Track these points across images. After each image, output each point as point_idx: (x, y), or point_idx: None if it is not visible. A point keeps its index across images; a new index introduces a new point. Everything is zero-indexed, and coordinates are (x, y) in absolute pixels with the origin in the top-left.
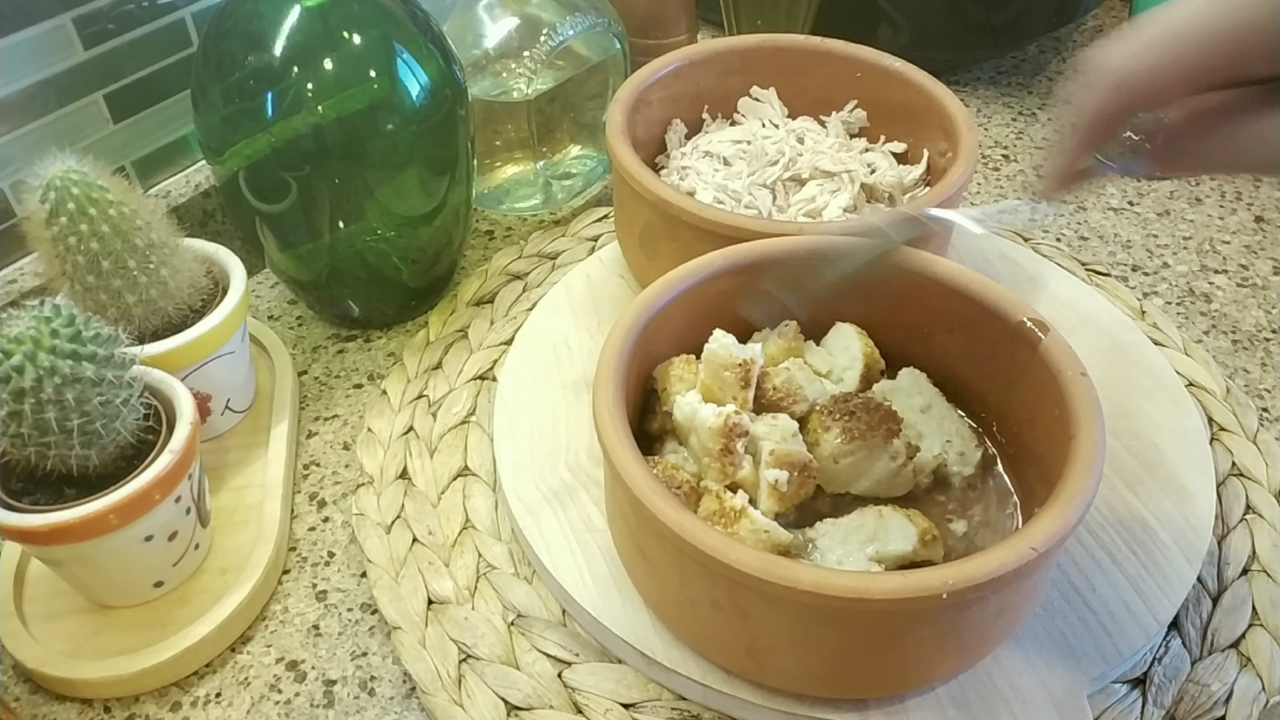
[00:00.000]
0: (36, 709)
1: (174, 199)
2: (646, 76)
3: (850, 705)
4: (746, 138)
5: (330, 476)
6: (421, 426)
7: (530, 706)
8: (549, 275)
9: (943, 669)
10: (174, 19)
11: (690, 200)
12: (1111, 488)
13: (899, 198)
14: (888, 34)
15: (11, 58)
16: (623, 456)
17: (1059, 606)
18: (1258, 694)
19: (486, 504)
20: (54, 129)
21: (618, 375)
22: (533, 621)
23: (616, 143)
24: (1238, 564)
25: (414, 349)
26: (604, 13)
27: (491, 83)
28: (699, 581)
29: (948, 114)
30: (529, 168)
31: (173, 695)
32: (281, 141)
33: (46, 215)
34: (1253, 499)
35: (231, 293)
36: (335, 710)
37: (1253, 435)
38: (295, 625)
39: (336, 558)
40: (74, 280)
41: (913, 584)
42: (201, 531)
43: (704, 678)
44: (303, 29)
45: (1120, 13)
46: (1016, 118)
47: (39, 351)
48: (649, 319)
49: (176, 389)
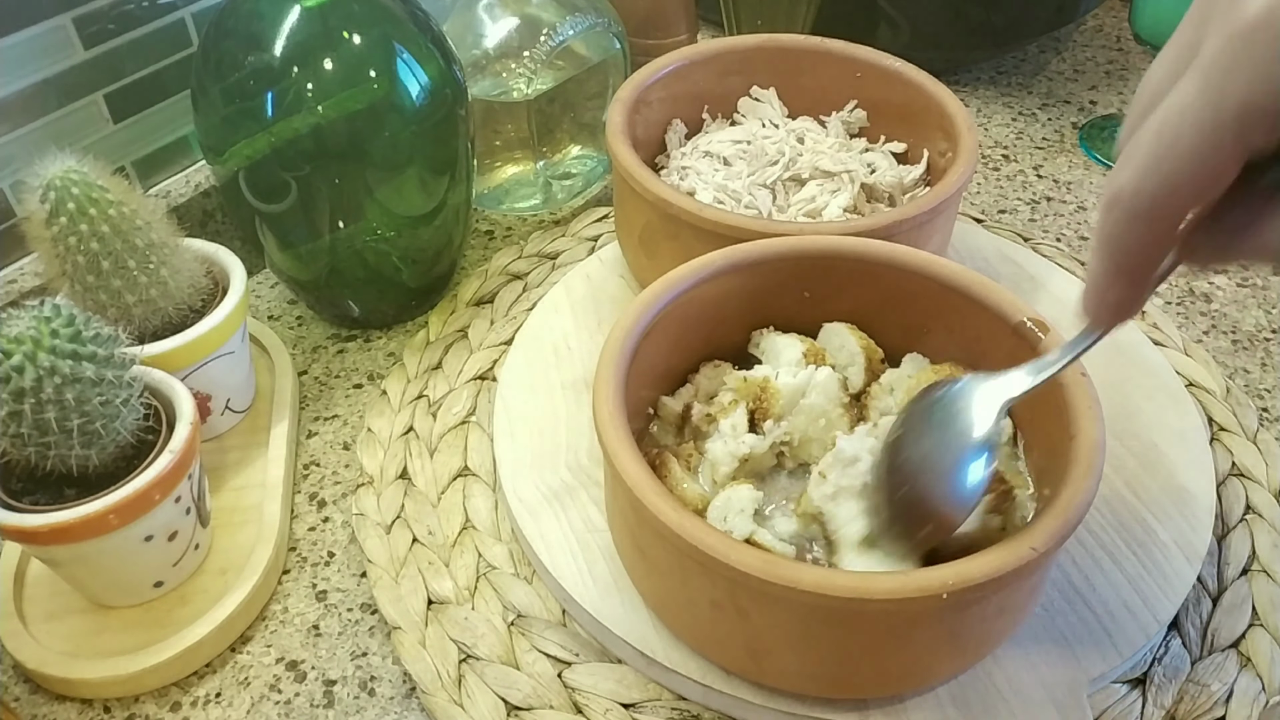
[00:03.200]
0: (36, 709)
1: (174, 199)
2: (646, 76)
3: (850, 705)
4: (746, 138)
5: (330, 476)
6: (421, 426)
7: (530, 706)
8: (549, 275)
9: (943, 669)
10: (174, 19)
11: (690, 200)
12: (1111, 488)
13: (899, 198)
14: (888, 34)
15: (11, 58)
16: (623, 456)
17: (1059, 606)
18: (1258, 694)
19: (486, 504)
20: (54, 129)
21: (618, 375)
22: (533, 621)
23: (616, 143)
24: (1238, 564)
25: (414, 349)
26: (604, 13)
27: (491, 83)
28: (699, 581)
29: (948, 114)
30: (529, 168)
31: (173, 695)
32: (281, 141)
33: (46, 215)
34: (1253, 499)
35: (231, 293)
36: (335, 710)
37: (1253, 435)
38: (295, 625)
39: (336, 558)
40: (74, 280)
41: (913, 584)
42: (201, 531)
43: (704, 678)
44: (303, 29)
45: (1120, 13)
46: (1016, 118)
47: (39, 351)
48: (649, 319)
49: (176, 389)
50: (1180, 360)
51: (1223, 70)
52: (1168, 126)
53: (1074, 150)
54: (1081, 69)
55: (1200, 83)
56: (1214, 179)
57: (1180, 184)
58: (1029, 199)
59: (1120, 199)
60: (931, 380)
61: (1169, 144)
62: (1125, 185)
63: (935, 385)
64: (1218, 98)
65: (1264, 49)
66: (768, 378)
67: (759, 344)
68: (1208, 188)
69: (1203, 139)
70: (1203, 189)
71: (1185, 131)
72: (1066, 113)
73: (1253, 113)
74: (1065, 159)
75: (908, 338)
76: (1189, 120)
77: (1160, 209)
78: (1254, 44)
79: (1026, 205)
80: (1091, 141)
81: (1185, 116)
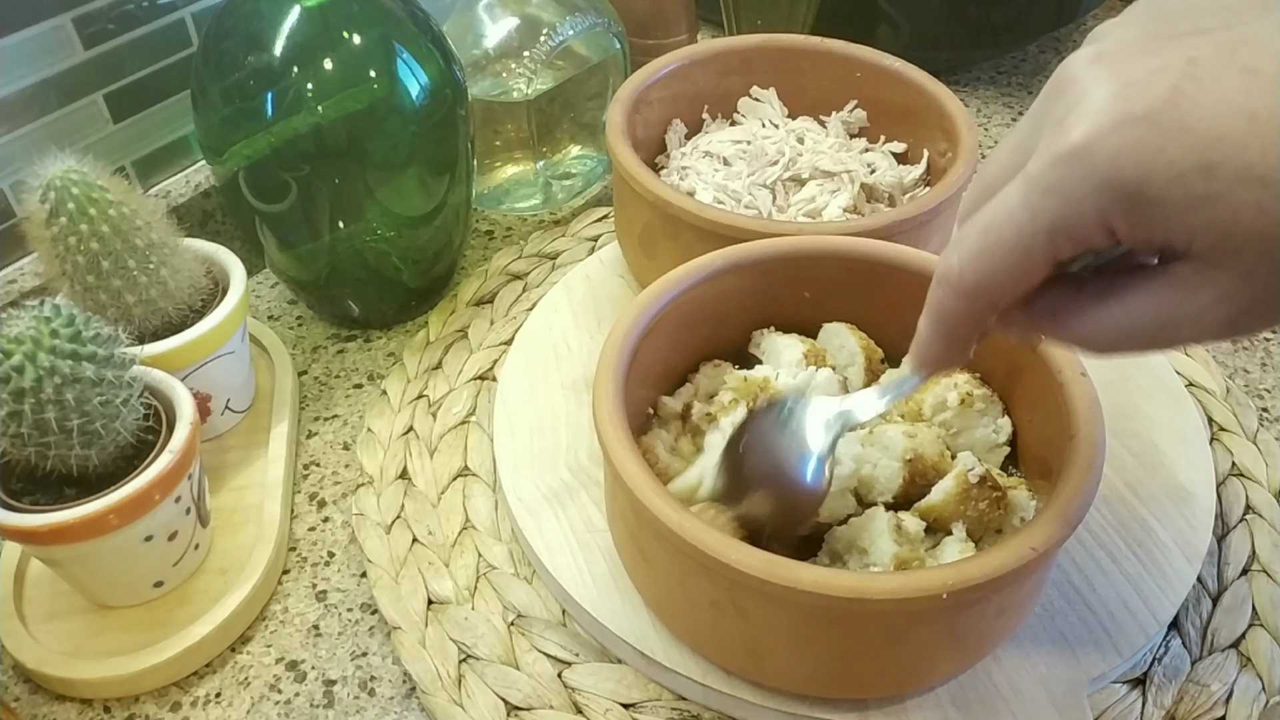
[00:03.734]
0: (36, 709)
1: (174, 199)
2: (646, 76)
3: (850, 705)
4: (746, 138)
5: (330, 476)
6: (421, 426)
7: (530, 706)
8: (549, 275)
9: (943, 669)
10: (174, 19)
11: (690, 200)
12: (1111, 488)
13: (899, 198)
14: (888, 34)
15: (11, 58)
16: (623, 456)
17: (1059, 606)
18: (1258, 694)
19: (486, 504)
20: (54, 129)
21: (618, 375)
22: (533, 621)
23: (616, 143)
24: (1238, 564)
25: (414, 349)
26: (604, 13)
27: (491, 83)
28: (699, 581)
29: (948, 114)
30: (529, 168)
31: (173, 695)
32: (281, 141)
33: (46, 215)
34: (1253, 499)
35: (231, 293)
36: (335, 710)
37: (1253, 435)
38: (295, 625)
39: (336, 558)
40: (74, 280)
41: (913, 584)
42: (201, 531)
43: (704, 678)
44: (303, 29)
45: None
46: (1016, 118)
47: (39, 351)
48: (649, 319)
49: (176, 389)
50: (1180, 360)
51: (1041, 189)
52: (994, 225)
53: None
54: None
55: (1023, 194)
56: (1026, 277)
57: (997, 277)
58: None
59: (948, 279)
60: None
61: (993, 242)
62: (953, 269)
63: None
64: (1034, 212)
65: (1079, 176)
66: (768, 378)
67: (759, 344)
68: (1020, 283)
69: (1019, 243)
70: (1016, 284)
71: (1006, 235)
72: None
73: (1061, 231)
74: None
75: (907, 338)
76: (1010, 226)
77: (981, 294)
78: (1071, 170)
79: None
80: None
81: (1008, 222)
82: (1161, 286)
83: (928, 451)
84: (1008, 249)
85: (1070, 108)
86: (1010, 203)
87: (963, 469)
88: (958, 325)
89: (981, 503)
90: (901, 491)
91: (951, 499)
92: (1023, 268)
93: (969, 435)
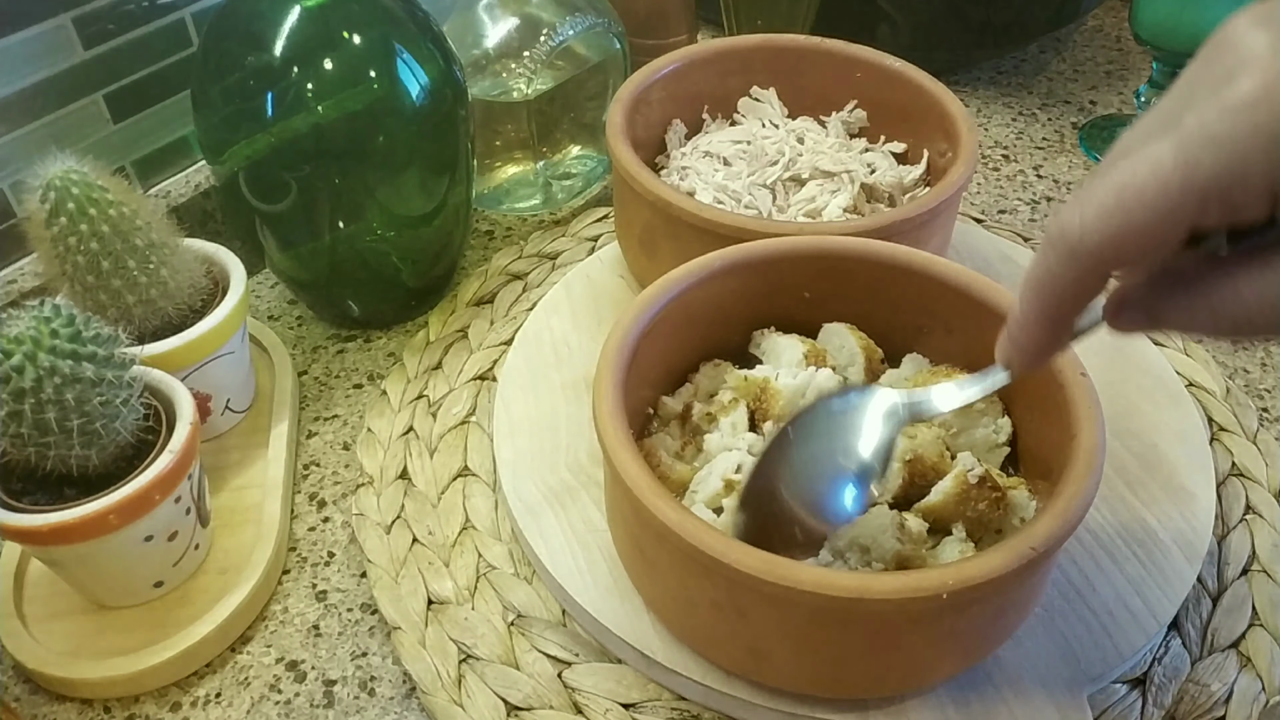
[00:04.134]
0: (36, 709)
1: (174, 199)
2: (646, 76)
3: (850, 705)
4: (746, 138)
5: (330, 476)
6: (421, 426)
7: (530, 707)
8: (549, 275)
9: (943, 669)
10: (174, 19)
11: (690, 200)
12: (1111, 488)
13: (899, 198)
14: (888, 34)
15: (11, 58)
16: (623, 457)
17: (1059, 606)
18: (1258, 694)
19: (486, 504)
20: (54, 129)
21: (618, 375)
22: (533, 621)
23: (616, 143)
24: (1238, 564)
25: (414, 349)
26: (604, 13)
27: (491, 83)
28: (699, 581)
29: (948, 114)
30: (529, 168)
31: (173, 695)
32: (281, 141)
33: (46, 215)
34: (1253, 499)
35: (231, 293)
36: (335, 710)
37: (1253, 435)
38: (295, 625)
39: (336, 558)
40: (74, 280)
41: (913, 584)
42: (201, 531)
43: (704, 678)
44: (303, 29)
45: (1120, 13)
46: (1016, 118)
47: (39, 351)
48: (649, 319)
49: (176, 389)
50: (1180, 360)
51: (1203, 141)
52: (1135, 180)
53: (1074, 150)
54: (1082, 69)
55: (1177, 146)
56: (1162, 241)
57: (1128, 241)
58: (1029, 199)
59: (1065, 239)
60: (930, 382)
61: (1131, 198)
62: (1071, 228)
63: (830, 394)
64: (1192, 165)
65: (1251, 129)
66: (768, 378)
67: (760, 344)
68: (1153, 248)
69: (1162, 203)
70: (1148, 248)
71: (1149, 191)
72: (1067, 113)
73: (1216, 193)
74: (1065, 159)
75: (907, 338)
76: (1157, 179)
77: (1103, 258)
78: (1241, 121)
79: (1026, 205)
80: (1092, 142)
81: (1153, 175)
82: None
83: (927, 452)
84: (1148, 208)
85: (1237, 66)
86: (1160, 156)
87: (962, 469)
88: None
89: (981, 503)
90: (901, 492)
91: (951, 499)
92: (1159, 233)
93: (969, 435)
